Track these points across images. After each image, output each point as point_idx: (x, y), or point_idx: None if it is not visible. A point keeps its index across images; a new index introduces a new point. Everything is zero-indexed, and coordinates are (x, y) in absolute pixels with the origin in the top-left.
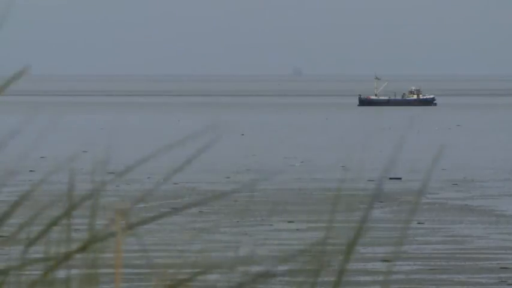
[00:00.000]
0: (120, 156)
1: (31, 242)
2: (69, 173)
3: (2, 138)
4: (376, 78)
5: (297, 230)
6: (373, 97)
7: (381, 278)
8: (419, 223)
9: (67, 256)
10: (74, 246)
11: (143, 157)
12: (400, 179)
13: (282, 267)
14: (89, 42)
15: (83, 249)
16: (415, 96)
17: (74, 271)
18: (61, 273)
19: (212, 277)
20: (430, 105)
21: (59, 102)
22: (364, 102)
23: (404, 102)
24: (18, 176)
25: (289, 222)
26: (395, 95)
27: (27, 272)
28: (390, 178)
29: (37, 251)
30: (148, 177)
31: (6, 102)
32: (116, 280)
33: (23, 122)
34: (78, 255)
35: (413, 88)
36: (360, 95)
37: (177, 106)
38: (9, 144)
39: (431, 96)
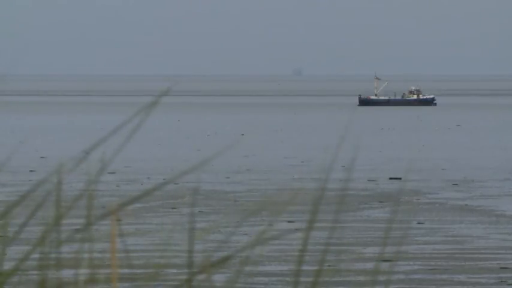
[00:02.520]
0: (120, 156)
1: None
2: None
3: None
4: (376, 78)
5: (297, 230)
6: (373, 97)
7: (381, 278)
8: (419, 223)
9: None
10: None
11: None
12: (400, 179)
13: (281, 267)
14: (89, 42)
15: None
16: (415, 96)
17: (72, 271)
18: (61, 274)
19: (212, 277)
20: (430, 105)
21: (58, 102)
22: (364, 102)
23: (404, 102)
24: (18, 176)
25: (289, 222)
26: (395, 95)
27: (27, 272)
28: (390, 178)
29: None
30: (148, 178)
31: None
32: (112, 280)
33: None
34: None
35: (413, 88)
36: (360, 95)
37: (177, 106)
38: (10, 144)
39: (431, 96)
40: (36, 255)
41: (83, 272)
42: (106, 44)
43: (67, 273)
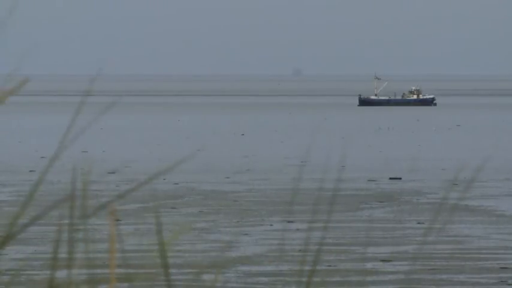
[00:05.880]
0: (120, 156)
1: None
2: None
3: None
4: (376, 78)
5: (297, 230)
6: (373, 97)
7: (381, 278)
8: (419, 223)
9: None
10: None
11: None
12: (400, 179)
13: (281, 267)
14: (86, 41)
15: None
16: (415, 96)
17: (72, 271)
18: (62, 273)
19: (211, 277)
20: (430, 105)
21: (56, 102)
22: (364, 102)
23: (404, 102)
24: (18, 176)
25: (289, 222)
26: (395, 95)
27: (28, 272)
28: (390, 178)
29: (38, 251)
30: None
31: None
32: (111, 280)
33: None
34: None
35: (413, 88)
36: (360, 95)
37: (177, 106)
38: (10, 144)
39: (431, 96)
40: (37, 256)
41: (82, 272)
42: (105, 44)
43: (67, 274)
